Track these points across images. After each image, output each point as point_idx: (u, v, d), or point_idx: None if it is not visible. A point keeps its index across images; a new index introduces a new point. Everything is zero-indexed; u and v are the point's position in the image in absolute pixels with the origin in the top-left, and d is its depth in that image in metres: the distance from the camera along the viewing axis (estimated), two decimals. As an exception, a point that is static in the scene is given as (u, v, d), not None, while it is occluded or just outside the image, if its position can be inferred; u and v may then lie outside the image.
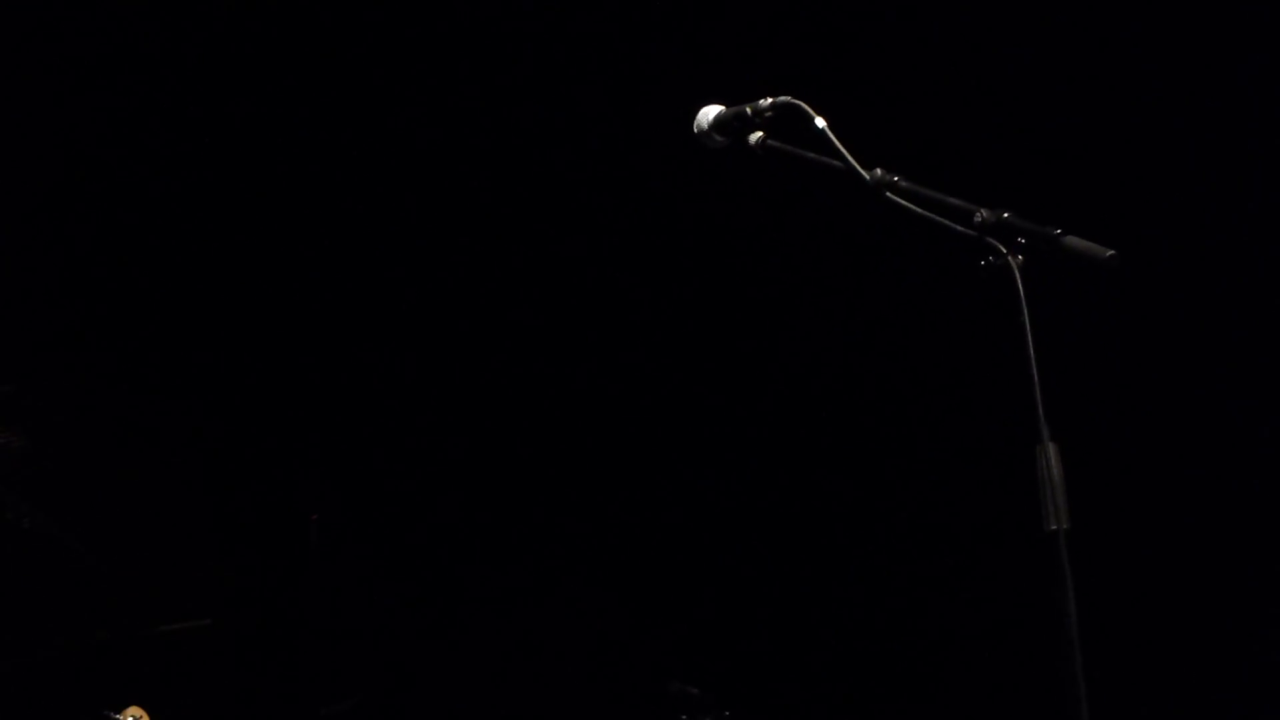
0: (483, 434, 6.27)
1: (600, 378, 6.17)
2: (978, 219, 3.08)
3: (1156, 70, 5.39)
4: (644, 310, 6.13)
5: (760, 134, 3.46)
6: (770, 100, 3.43)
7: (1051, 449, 2.93)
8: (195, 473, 6.24)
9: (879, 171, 3.24)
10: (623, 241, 6.10)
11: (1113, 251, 2.98)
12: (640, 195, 6.05)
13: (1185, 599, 5.40)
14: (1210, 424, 5.40)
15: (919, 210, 3.18)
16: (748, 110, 3.46)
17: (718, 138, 3.51)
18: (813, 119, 3.32)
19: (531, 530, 6.20)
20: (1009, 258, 3.01)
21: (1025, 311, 2.97)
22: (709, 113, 3.52)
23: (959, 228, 3.10)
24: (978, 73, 5.59)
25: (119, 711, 4.13)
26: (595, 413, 6.19)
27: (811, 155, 3.33)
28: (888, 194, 3.22)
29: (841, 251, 5.77)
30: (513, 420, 6.26)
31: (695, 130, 3.53)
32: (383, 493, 6.38)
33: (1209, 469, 5.40)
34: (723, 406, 6.07)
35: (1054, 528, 2.91)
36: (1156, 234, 5.24)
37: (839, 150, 3.26)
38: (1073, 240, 3.02)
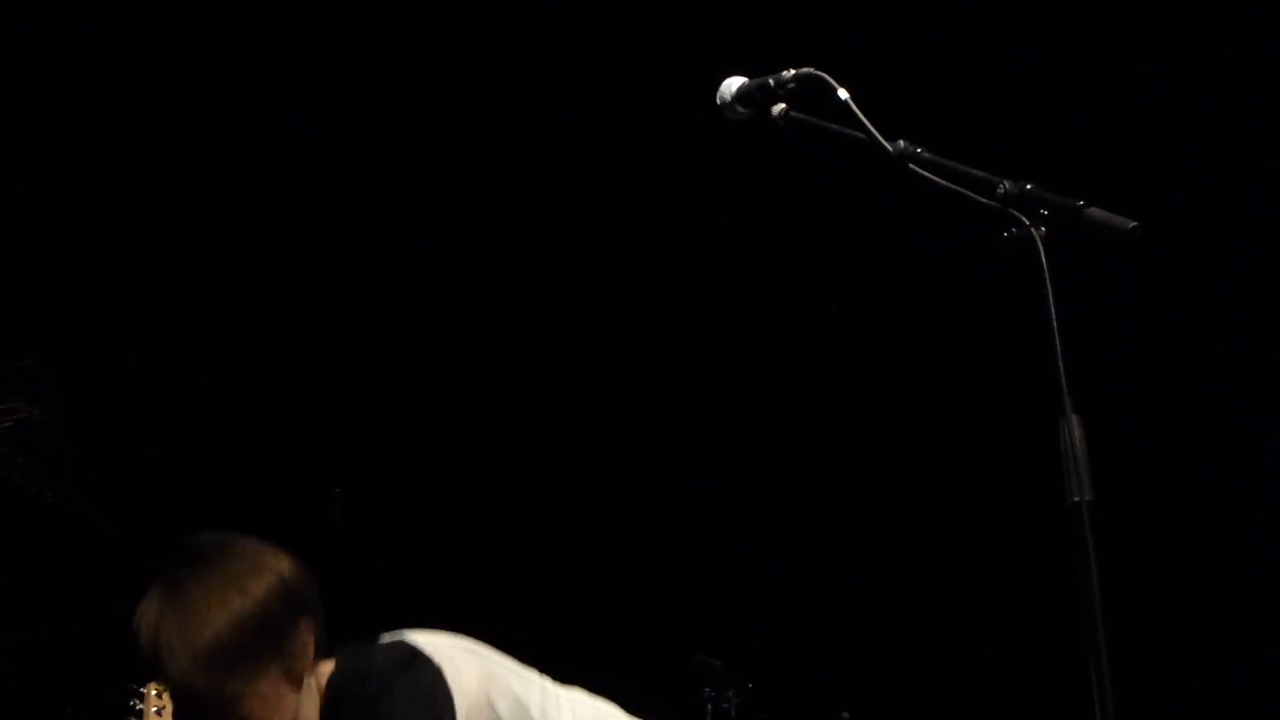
0: (509, 411, 6.28)
1: (632, 353, 6.17)
2: (1001, 190, 3.06)
3: (1182, 42, 5.37)
4: (674, 286, 6.13)
5: (783, 106, 3.45)
6: (793, 72, 3.42)
7: (1075, 421, 2.92)
8: (219, 446, 6.26)
9: (902, 143, 3.23)
10: (648, 216, 6.09)
11: (1135, 223, 2.97)
12: (663, 169, 6.04)
13: (1208, 570, 5.40)
14: (1234, 397, 5.39)
15: (942, 182, 3.17)
16: (770, 82, 3.45)
17: (740, 109, 3.50)
18: (835, 90, 3.31)
19: (558, 506, 6.21)
20: (1032, 229, 3.00)
21: (1048, 283, 2.96)
22: (732, 84, 3.51)
23: (982, 199, 3.09)
24: (1001, 44, 5.57)
25: (142, 684, 4.13)
26: (622, 388, 6.19)
27: (834, 127, 3.32)
28: (911, 166, 3.21)
29: (865, 224, 5.76)
30: (540, 397, 6.27)
31: (718, 102, 3.52)
32: (406, 467, 6.40)
33: (1233, 442, 5.40)
34: (745, 384, 6.07)
35: (1077, 500, 2.91)
36: (1181, 205, 5.23)
37: (862, 122, 3.25)
38: (1095, 212, 3.01)
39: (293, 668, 3.29)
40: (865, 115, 3.25)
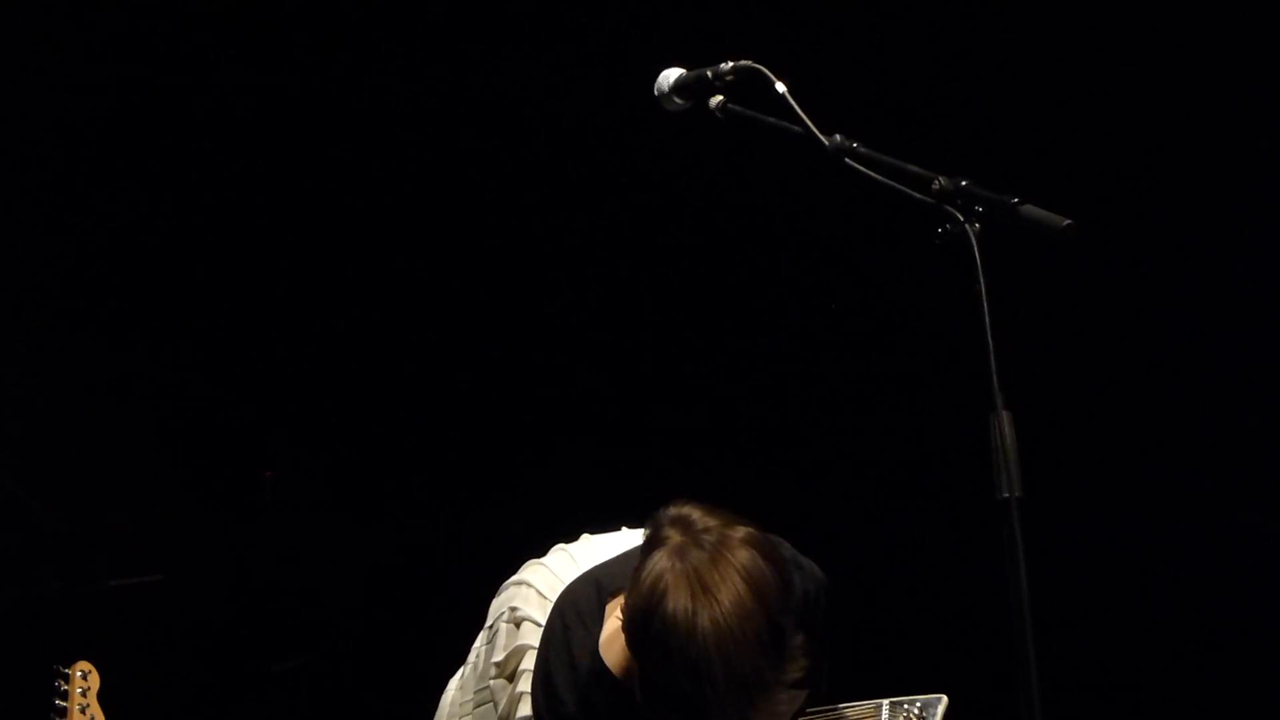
0: (445, 388, 6.26)
1: (573, 344, 6.15)
2: (936, 186, 3.08)
3: (1119, 40, 5.40)
4: (602, 278, 6.12)
5: (720, 98, 3.46)
6: (731, 64, 3.43)
7: (1005, 417, 2.94)
8: (149, 427, 6.22)
9: (838, 137, 3.24)
10: (588, 205, 6.08)
11: (1069, 221, 2.99)
12: (600, 158, 6.04)
13: (1136, 568, 5.43)
14: (1167, 394, 5.42)
15: (877, 177, 3.18)
16: (708, 74, 3.46)
17: (678, 100, 3.51)
18: (773, 83, 3.32)
19: (494, 487, 6.19)
20: (966, 225, 3.02)
21: (981, 279, 2.97)
22: (669, 75, 3.52)
23: (917, 195, 3.10)
24: (938, 38, 5.59)
25: (67, 666, 4.10)
26: (556, 377, 6.17)
27: (771, 120, 3.33)
28: (846, 160, 3.22)
29: (797, 218, 5.76)
30: (478, 381, 6.24)
31: (655, 93, 3.53)
32: (338, 450, 6.37)
33: (1164, 439, 5.43)
34: (672, 375, 6.06)
35: (1006, 496, 2.92)
36: (1115, 202, 5.25)
37: (799, 115, 3.26)
38: (1030, 209, 3.02)
39: None
40: (802, 109, 3.26)
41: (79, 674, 4.11)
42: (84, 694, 4.08)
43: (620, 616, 3.22)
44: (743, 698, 3.07)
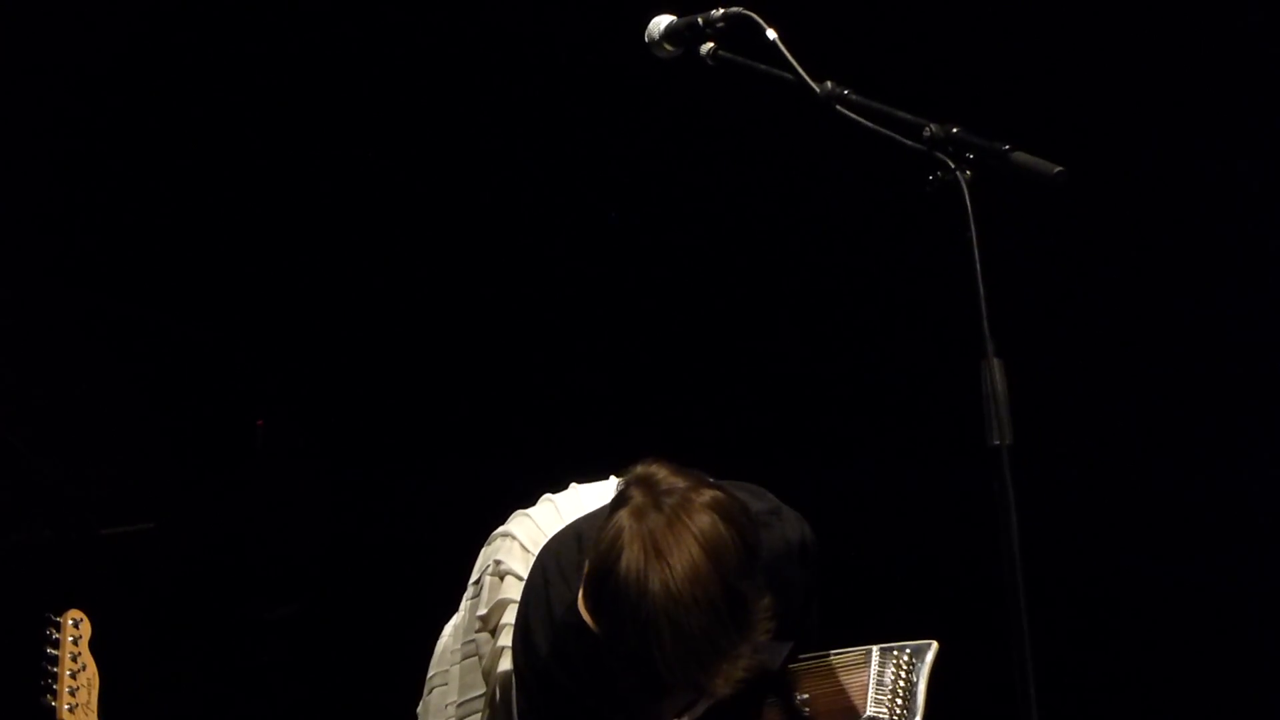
0: (437, 334, 6.26)
1: (553, 297, 6.15)
2: (927, 133, 3.08)
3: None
4: (587, 232, 6.11)
5: (711, 44, 3.45)
6: (722, 11, 3.43)
7: (996, 364, 2.94)
8: (140, 375, 6.22)
9: (829, 84, 3.24)
10: (570, 153, 6.08)
11: (1061, 168, 2.99)
12: (590, 103, 6.02)
13: (1127, 514, 5.44)
14: (1157, 342, 5.43)
15: (868, 124, 3.18)
16: (699, 20, 3.46)
17: (669, 48, 3.51)
18: (764, 30, 3.31)
19: (485, 432, 6.20)
20: (957, 173, 3.02)
21: (973, 227, 2.97)
22: (660, 22, 3.51)
23: (908, 142, 3.10)
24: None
25: (58, 614, 4.10)
26: (537, 330, 6.17)
27: (762, 67, 3.33)
28: (837, 107, 3.22)
29: (788, 165, 5.75)
30: (466, 319, 6.24)
31: (646, 40, 3.53)
32: (330, 397, 6.38)
33: (1154, 386, 5.43)
34: (662, 330, 6.05)
35: (997, 443, 2.93)
36: (1107, 149, 5.25)
37: (790, 63, 3.26)
38: (1021, 156, 3.02)
39: None
40: (793, 56, 3.25)
41: (70, 622, 4.11)
42: (75, 642, 4.08)
43: None
44: (693, 662, 3.05)
